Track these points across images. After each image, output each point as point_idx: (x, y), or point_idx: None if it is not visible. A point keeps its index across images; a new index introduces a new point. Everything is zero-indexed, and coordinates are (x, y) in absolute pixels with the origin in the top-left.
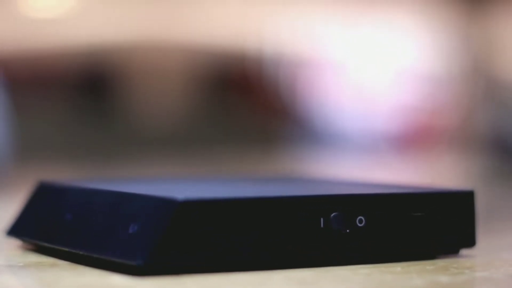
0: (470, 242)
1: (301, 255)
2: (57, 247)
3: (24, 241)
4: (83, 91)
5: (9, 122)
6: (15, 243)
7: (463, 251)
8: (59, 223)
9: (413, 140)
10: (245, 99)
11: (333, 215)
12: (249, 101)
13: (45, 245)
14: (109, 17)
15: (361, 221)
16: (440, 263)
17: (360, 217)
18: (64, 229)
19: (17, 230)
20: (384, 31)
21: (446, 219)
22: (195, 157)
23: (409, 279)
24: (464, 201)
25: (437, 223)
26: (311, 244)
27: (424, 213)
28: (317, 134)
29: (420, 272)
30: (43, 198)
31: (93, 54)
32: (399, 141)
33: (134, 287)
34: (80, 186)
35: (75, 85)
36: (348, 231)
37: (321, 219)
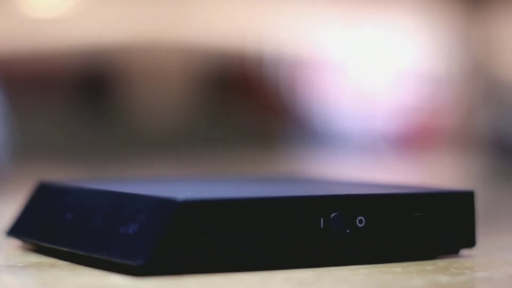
0: (470, 242)
1: (301, 255)
2: (57, 247)
3: (24, 241)
4: (83, 91)
5: (9, 122)
6: (15, 243)
7: (463, 251)
8: (59, 223)
9: (413, 140)
10: (245, 99)
11: (333, 215)
12: (249, 101)
13: (45, 245)
14: (109, 17)
15: (361, 221)
16: (440, 263)
17: (360, 217)
18: (64, 229)
19: (17, 230)
20: (384, 31)
21: (446, 219)
22: (195, 157)
23: (409, 279)
24: (464, 201)
25: (437, 223)
26: (311, 244)
27: (424, 213)
28: (317, 134)
29: (420, 272)
30: (43, 198)
31: (93, 54)
32: (399, 141)
33: (134, 287)
34: (80, 186)
35: (75, 85)
36: (348, 231)
37: (321, 219)
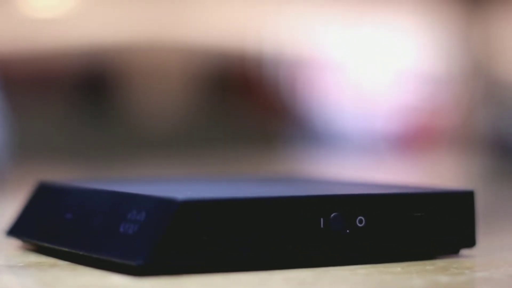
0: (470, 242)
1: (301, 255)
2: (57, 247)
3: (24, 241)
4: (83, 91)
5: (9, 122)
6: (15, 243)
7: (463, 251)
8: (59, 223)
9: (413, 140)
10: (245, 99)
11: (333, 215)
12: (249, 101)
13: (45, 245)
14: (109, 17)
15: (361, 221)
16: (440, 263)
17: (360, 217)
18: (64, 229)
19: (17, 230)
20: (384, 31)
21: (446, 219)
22: (195, 157)
23: (409, 279)
24: (464, 201)
25: (437, 223)
26: (311, 244)
27: (424, 213)
28: (317, 134)
29: (420, 272)
30: (43, 198)
31: (93, 54)
32: (399, 141)
33: (134, 287)
34: (80, 186)
35: (75, 85)
36: (348, 231)
37: (321, 219)
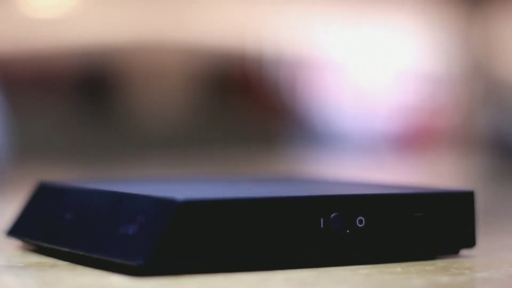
0: (470, 242)
1: (301, 256)
2: (57, 247)
3: (24, 242)
4: (83, 91)
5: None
6: (15, 243)
7: (463, 252)
8: (59, 223)
9: (413, 140)
10: (245, 99)
11: (333, 215)
12: (249, 101)
13: (45, 245)
14: (109, 17)
15: (361, 222)
16: (440, 263)
17: (360, 218)
18: (64, 229)
19: (17, 230)
20: (384, 31)
21: (446, 219)
22: (195, 157)
23: (409, 279)
24: (464, 201)
25: (437, 223)
26: (311, 244)
27: (424, 214)
28: (317, 134)
29: (420, 272)
30: (43, 198)
31: (93, 54)
32: (399, 141)
33: (134, 287)
34: (80, 186)
35: (75, 85)
36: (348, 231)
37: (321, 220)
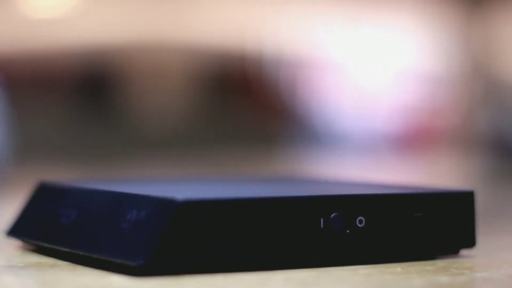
0: (470, 242)
1: (301, 256)
2: (57, 247)
3: (24, 242)
4: (83, 91)
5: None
6: (15, 243)
7: (463, 252)
8: (59, 223)
9: (413, 140)
10: (245, 99)
11: (333, 215)
12: (249, 101)
13: (45, 245)
14: (109, 18)
15: (361, 222)
16: (440, 263)
17: (360, 218)
18: (64, 229)
19: (17, 230)
20: (384, 31)
21: (446, 220)
22: (195, 157)
23: (409, 279)
24: (464, 201)
25: (437, 223)
26: (311, 244)
27: (424, 214)
28: (317, 134)
29: (420, 272)
30: (43, 198)
31: (93, 54)
32: (399, 142)
33: (134, 287)
34: (80, 186)
35: (75, 85)
36: (348, 231)
37: (321, 220)
